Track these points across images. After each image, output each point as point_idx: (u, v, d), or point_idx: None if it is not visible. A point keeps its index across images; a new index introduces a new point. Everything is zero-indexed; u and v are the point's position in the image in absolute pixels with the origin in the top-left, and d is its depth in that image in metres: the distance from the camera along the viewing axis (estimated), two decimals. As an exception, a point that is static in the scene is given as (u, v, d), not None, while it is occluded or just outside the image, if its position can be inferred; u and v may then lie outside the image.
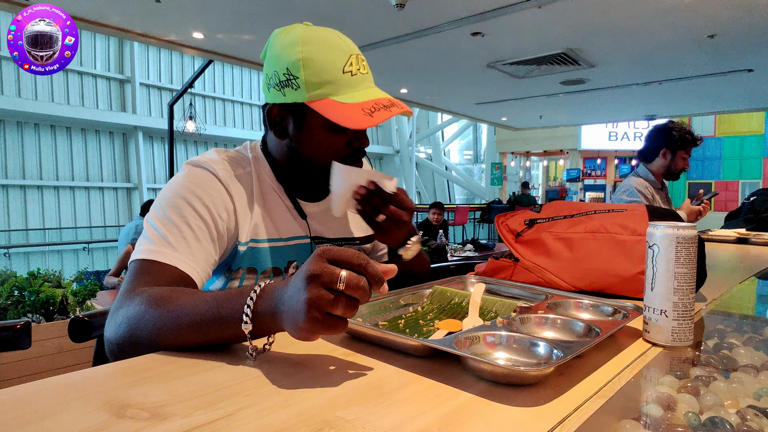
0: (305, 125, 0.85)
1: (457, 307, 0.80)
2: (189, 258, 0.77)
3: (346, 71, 0.82)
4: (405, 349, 0.61)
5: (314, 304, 0.51)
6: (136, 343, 0.64)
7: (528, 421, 0.45)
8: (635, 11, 3.53)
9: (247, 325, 0.57)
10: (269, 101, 0.87)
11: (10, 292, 2.90)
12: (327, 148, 0.86)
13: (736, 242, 2.13)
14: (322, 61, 0.81)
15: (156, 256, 0.75)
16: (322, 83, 0.81)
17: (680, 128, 2.46)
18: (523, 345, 0.59)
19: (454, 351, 0.55)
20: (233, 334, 0.59)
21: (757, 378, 0.58)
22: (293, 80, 0.81)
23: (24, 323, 0.99)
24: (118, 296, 0.71)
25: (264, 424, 0.43)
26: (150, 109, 11.93)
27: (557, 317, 0.70)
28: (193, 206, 0.80)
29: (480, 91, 6.23)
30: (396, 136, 16.71)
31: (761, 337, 0.76)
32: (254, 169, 0.91)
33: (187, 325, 0.61)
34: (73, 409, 0.46)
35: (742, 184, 12.28)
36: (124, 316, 0.67)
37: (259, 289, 0.58)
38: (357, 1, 3.43)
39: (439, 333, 0.67)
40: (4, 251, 8.74)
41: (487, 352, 0.60)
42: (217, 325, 0.59)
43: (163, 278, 0.73)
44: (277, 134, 0.88)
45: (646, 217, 0.97)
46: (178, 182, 0.84)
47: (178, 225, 0.78)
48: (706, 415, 0.50)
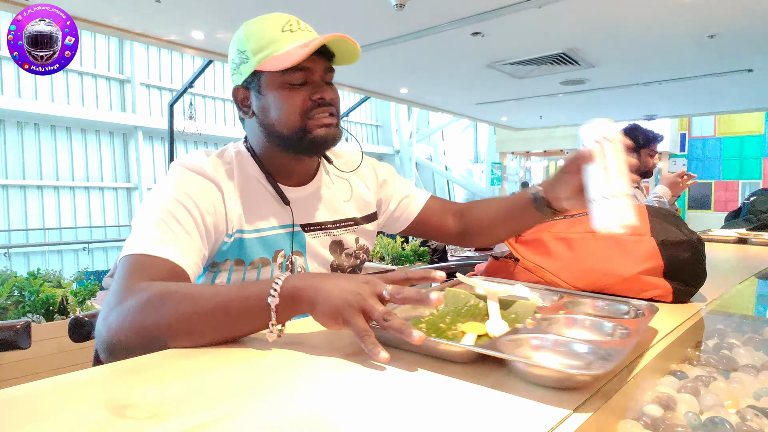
0: (263, 92, 0.88)
1: (474, 309, 0.77)
2: (181, 251, 0.77)
3: (285, 30, 0.86)
4: (448, 356, 0.59)
5: (359, 296, 0.59)
6: (146, 335, 0.64)
7: (527, 421, 0.45)
8: (635, 11, 3.52)
9: (274, 299, 0.61)
10: (233, 86, 0.92)
11: (10, 292, 2.90)
12: (288, 108, 0.86)
13: (736, 242, 2.13)
14: (262, 28, 0.86)
15: (147, 250, 0.74)
16: (265, 46, 0.85)
17: (639, 128, 2.59)
18: (569, 348, 0.58)
19: (510, 357, 0.53)
20: (257, 317, 0.62)
21: (757, 378, 0.59)
22: (243, 55, 0.87)
23: (24, 323, 0.99)
24: (110, 295, 0.70)
25: (264, 424, 0.43)
26: (150, 109, 11.92)
27: (585, 318, 0.69)
28: (180, 202, 0.81)
29: (480, 91, 6.23)
30: (396, 136, 16.70)
31: (761, 337, 0.76)
32: (237, 163, 0.92)
33: (210, 308, 0.63)
34: (73, 409, 0.46)
35: (742, 184, 12.27)
36: (128, 310, 0.66)
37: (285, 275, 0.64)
38: (357, 1, 3.43)
39: (469, 337, 0.64)
40: (4, 251, 8.74)
41: (532, 355, 0.58)
42: (242, 302, 0.63)
43: (157, 272, 0.73)
44: (245, 114, 0.92)
45: (646, 217, 0.98)
46: (164, 183, 0.85)
47: (167, 221, 0.79)
48: (706, 415, 0.50)
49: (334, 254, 1.00)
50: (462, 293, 0.81)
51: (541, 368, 0.52)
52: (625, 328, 0.63)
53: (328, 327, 0.62)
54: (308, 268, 0.96)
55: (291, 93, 0.86)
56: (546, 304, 0.79)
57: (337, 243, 1.01)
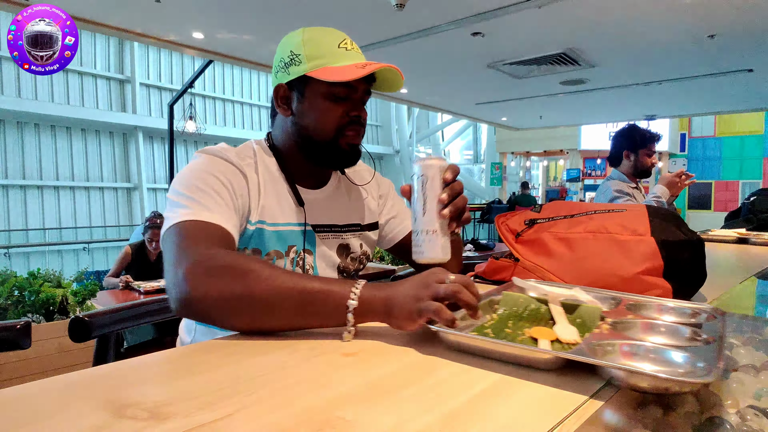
0: (306, 96, 0.92)
1: (535, 313, 0.75)
2: (227, 219, 0.81)
3: (341, 47, 0.92)
4: (531, 362, 0.57)
5: (424, 292, 0.64)
6: (228, 300, 0.67)
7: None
8: (635, 11, 3.53)
9: (353, 302, 0.65)
10: (276, 83, 0.96)
11: (10, 292, 2.90)
12: (326, 118, 0.92)
13: (736, 242, 2.13)
14: (321, 39, 0.92)
15: (197, 216, 0.78)
16: (321, 55, 0.90)
17: (636, 128, 2.57)
18: (661, 355, 0.57)
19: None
20: (332, 314, 0.66)
21: (757, 378, 0.58)
22: (296, 57, 0.91)
23: (24, 323, 0.99)
24: (173, 255, 0.72)
25: (264, 424, 0.43)
26: (150, 109, 11.92)
27: (660, 323, 0.68)
28: (217, 178, 0.85)
29: (480, 91, 6.23)
30: (396, 136, 16.70)
31: (761, 337, 0.76)
32: (259, 159, 0.96)
33: (292, 291, 0.66)
34: (73, 409, 0.46)
35: (742, 184, 12.28)
36: (210, 271, 0.68)
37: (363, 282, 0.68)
38: (357, 1, 3.43)
39: (543, 343, 0.62)
40: (4, 251, 8.74)
41: (627, 362, 0.57)
42: (325, 295, 0.66)
43: (211, 237, 0.77)
44: (283, 112, 0.96)
45: (646, 217, 0.97)
46: (194, 166, 0.88)
47: (208, 193, 0.82)
48: (706, 415, 0.50)
49: (341, 257, 1.03)
50: (521, 297, 0.78)
51: (652, 377, 0.50)
52: (704, 333, 0.63)
53: (406, 330, 0.67)
54: (316, 267, 0.98)
55: (333, 105, 0.91)
56: (605, 307, 0.77)
57: (344, 246, 1.04)
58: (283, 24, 3.93)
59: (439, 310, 0.63)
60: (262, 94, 13.66)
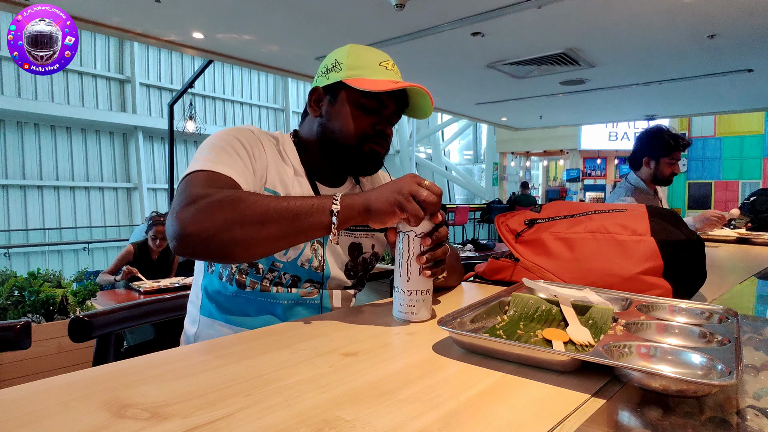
0: (338, 101, 0.97)
1: (546, 314, 0.74)
2: (241, 173, 0.86)
3: (382, 64, 0.97)
4: (549, 364, 0.57)
5: (406, 186, 0.72)
6: (220, 224, 0.72)
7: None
8: (635, 12, 3.52)
9: (336, 206, 0.73)
10: (314, 86, 1.01)
11: (10, 292, 2.90)
12: (352, 125, 0.95)
13: (736, 242, 2.13)
14: (365, 54, 0.97)
15: (211, 167, 0.83)
16: (360, 66, 0.95)
17: (662, 133, 2.29)
18: (679, 357, 0.56)
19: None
20: (319, 220, 0.73)
21: (757, 378, 0.58)
22: (338, 65, 0.96)
23: (24, 323, 0.99)
24: (178, 200, 0.77)
25: (264, 424, 0.43)
26: (150, 109, 11.92)
27: (675, 324, 0.68)
28: (238, 140, 0.91)
29: (480, 91, 6.23)
30: (396, 136, 16.69)
31: (761, 337, 0.76)
32: (282, 147, 1.01)
33: (279, 207, 0.73)
34: (73, 409, 0.46)
35: (742, 184, 12.28)
36: (201, 206, 0.73)
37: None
38: (357, 1, 3.43)
39: (557, 345, 0.62)
40: (4, 251, 8.73)
41: (645, 364, 0.57)
42: (310, 206, 0.74)
43: (217, 183, 0.81)
44: (313, 112, 1.01)
45: (646, 217, 0.97)
46: (218, 133, 0.93)
47: (226, 150, 0.88)
48: (707, 415, 0.50)
49: (351, 256, 1.04)
50: (531, 298, 0.78)
51: (674, 379, 0.50)
52: (719, 335, 0.63)
53: (386, 223, 0.74)
54: (327, 262, 0.99)
55: (361, 114, 0.95)
56: (617, 308, 0.76)
57: (356, 245, 1.05)
58: (283, 24, 3.93)
59: (415, 211, 0.70)
60: (262, 94, 13.66)
